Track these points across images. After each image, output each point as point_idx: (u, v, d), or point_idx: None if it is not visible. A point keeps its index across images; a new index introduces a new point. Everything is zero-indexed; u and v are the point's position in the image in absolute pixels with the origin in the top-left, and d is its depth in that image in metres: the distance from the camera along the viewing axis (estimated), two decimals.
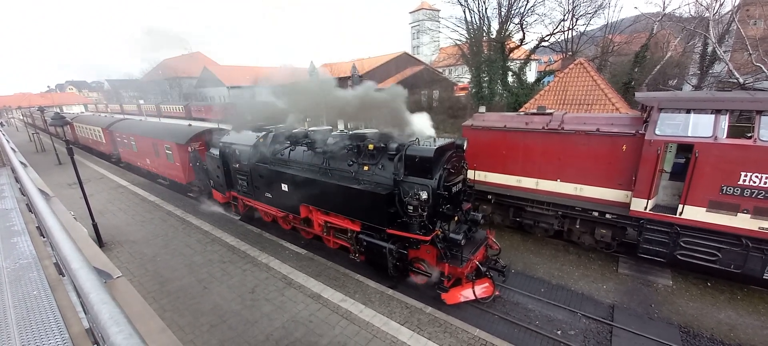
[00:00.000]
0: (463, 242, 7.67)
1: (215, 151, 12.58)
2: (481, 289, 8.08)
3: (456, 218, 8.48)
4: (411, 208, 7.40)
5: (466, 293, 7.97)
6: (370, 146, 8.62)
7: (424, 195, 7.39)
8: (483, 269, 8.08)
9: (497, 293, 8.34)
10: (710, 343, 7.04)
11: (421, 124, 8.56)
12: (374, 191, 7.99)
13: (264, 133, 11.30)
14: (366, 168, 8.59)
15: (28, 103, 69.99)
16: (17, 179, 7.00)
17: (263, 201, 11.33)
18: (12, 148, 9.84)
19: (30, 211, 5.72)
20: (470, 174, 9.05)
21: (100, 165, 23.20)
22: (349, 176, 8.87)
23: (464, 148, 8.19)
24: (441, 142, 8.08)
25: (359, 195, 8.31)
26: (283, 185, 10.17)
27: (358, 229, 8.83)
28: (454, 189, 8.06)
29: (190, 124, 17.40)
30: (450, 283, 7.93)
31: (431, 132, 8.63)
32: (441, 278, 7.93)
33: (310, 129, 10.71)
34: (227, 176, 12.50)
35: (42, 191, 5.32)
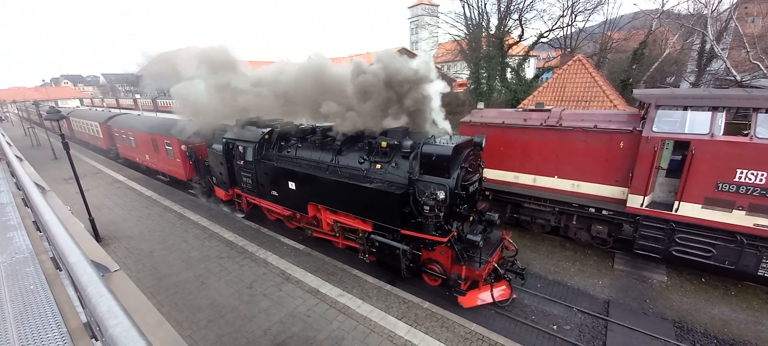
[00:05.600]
0: (481, 243, 7.34)
1: (218, 147, 12.27)
2: (499, 291, 7.74)
3: (471, 219, 8.27)
4: (427, 208, 7.10)
5: (484, 296, 7.65)
6: (384, 143, 8.27)
7: (441, 195, 7.06)
8: (501, 271, 7.76)
9: (514, 296, 8.05)
10: (704, 338, 7.13)
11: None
12: (388, 191, 7.68)
13: (269, 128, 11.03)
14: (378, 166, 8.27)
15: (22, 98, 69.27)
16: (13, 174, 6.95)
17: (269, 199, 11.04)
18: (7, 142, 9.75)
19: (26, 205, 5.69)
20: None
21: (97, 160, 23.06)
22: (360, 175, 8.59)
23: (482, 146, 7.81)
24: (458, 139, 7.77)
25: (372, 194, 7.99)
26: (290, 183, 9.88)
27: (370, 229, 8.55)
28: (470, 189, 7.78)
29: (191, 120, 17.17)
30: (467, 286, 7.71)
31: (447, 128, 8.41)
32: (458, 281, 7.67)
33: (318, 125, 10.44)
34: (231, 172, 12.22)
35: (38, 185, 5.28)
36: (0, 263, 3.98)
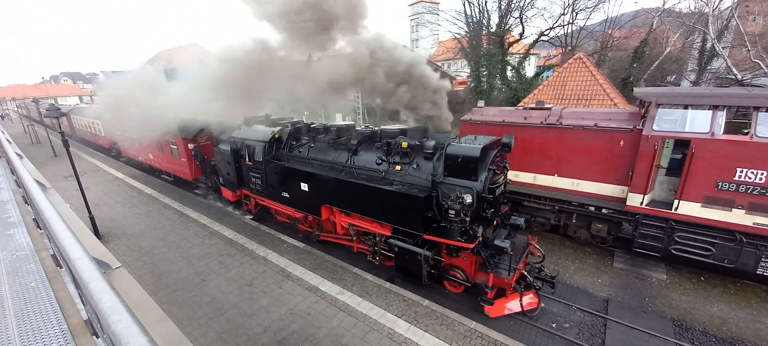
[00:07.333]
0: (509, 250, 6.96)
1: (225, 147, 11.93)
2: (528, 300, 7.35)
3: (495, 223, 8.01)
4: (452, 212, 6.80)
5: (512, 305, 7.31)
6: (404, 144, 7.91)
7: (468, 198, 6.72)
8: (530, 278, 7.41)
9: (542, 304, 7.72)
10: (702, 336, 7.16)
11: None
12: (410, 193, 7.31)
13: (280, 127, 10.76)
14: (398, 168, 7.93)
15: (22, 95, 69.01)
16: (13, 171, 6.95)
17: (279, 201, 10.73)
18: (7, 139, 9.74)
19: (26, 203, 5.69)
20: None
21: (97, 158, 23.05)
22: (377, 176, 8.23)
23: (511, 146, 7.45)
24: (485, 139, 7.49)
25: (391, 197, 7.62)
26: (302, 184, 9.56)
27: (388, 233, 8.22)
28: (497, 191, 7.48)
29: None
30: (493, 294, 7.42)
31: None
32: (485, 289, 7.30)
33: (331, 123, 10.16)
34: (238, 172, 11.91)
35: (39, 183, 5.28)
36: (1, 260, 3.99)
